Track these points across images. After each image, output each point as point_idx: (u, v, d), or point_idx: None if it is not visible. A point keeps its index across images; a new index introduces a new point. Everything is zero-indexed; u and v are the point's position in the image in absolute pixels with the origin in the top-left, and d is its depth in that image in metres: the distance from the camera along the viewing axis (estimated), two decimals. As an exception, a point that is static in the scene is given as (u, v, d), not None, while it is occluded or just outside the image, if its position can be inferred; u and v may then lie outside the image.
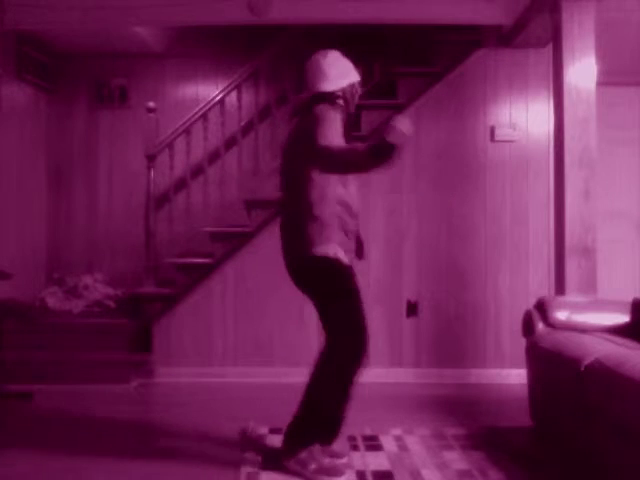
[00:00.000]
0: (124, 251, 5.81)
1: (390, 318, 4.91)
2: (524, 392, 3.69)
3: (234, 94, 5.34)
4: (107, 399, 4.37)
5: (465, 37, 5.07)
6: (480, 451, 3.21)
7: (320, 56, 3.03)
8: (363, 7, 4.62)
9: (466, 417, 3.89)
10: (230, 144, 5.50)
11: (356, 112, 3.23)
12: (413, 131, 2.59)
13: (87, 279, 5.45)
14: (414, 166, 4.97)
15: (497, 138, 4.97)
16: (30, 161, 5.70)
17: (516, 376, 4.56)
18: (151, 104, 5.30)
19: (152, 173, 5.27)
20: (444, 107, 4.98)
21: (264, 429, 3.52)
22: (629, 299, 3.50)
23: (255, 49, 5.46)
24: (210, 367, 4.92)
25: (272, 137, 5.26)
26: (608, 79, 4.87)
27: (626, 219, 5.50)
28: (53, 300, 5.26)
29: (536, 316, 3.57)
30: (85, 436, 3.56)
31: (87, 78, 5.97)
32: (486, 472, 2.92)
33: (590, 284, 3.94)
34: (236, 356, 4.94)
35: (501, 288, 4.94)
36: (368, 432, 3.46)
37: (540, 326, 3.53)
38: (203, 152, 5.31)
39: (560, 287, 4.03)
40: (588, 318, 3.50)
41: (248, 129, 5.52)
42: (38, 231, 5.82)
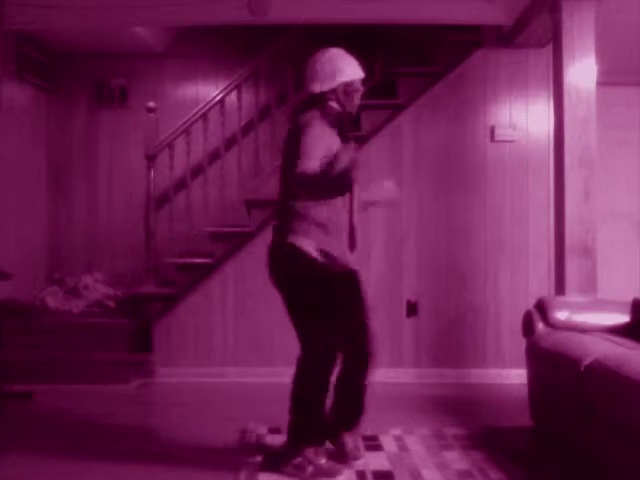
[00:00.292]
0: (124, 251, 5.80)
1: (390, 318, 4.91)
2: (524, 392, 3.69)
3: (234, 94, 5.34)
4: (107, 399, 4.38)
5: (465, 37, 5.08)
6: (480, 451, 3.20)
7: (318, 54, 2.96)
8: (363, 7, 4.61)
9: (466, 417, 3.89)
10: (230, 144, 5.49)
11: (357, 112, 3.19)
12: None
13: (87, 279, 5.45)
14: (414, 166, 4.97)
15: (497, 138, 4.97)
16: (30, 161, 5.70)
17: (516, 376, 4.55)
18: (151, 104, 5.29)
19: (152, 173, 5.27)
20: (444, 107, 4.98)
21: (264, 429, 3.51)
22: (629, 299, 3.49)
23: (255, 49, 5.45)
24: (210, 367, 4.92)
25: (272, 137, 5.25)
26: (608, 79, 4.87)
27: (626, 219, 5.50)
28: (53, 300, 5.26)
29: (536, 316, 3.57)
30: (85, 436, 3.55)
31: (87, 78, 5.97)
32: (486, 472, 2.92)
33: (590, 284, 3.94)
34: (236, 356, 4.94)
35: (501, 288, 4.94)
36: (368, 432, 3.45)
37: (540, 326, 3.53)
38: (203, 152, 5.31)
39: (560, 287, 4.03)
40: (588, 318, 3.50)
41: (248, 129, 5.51)
42: (38, 231, 5.82)
